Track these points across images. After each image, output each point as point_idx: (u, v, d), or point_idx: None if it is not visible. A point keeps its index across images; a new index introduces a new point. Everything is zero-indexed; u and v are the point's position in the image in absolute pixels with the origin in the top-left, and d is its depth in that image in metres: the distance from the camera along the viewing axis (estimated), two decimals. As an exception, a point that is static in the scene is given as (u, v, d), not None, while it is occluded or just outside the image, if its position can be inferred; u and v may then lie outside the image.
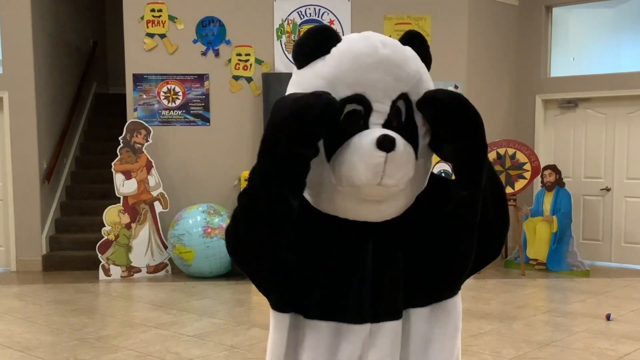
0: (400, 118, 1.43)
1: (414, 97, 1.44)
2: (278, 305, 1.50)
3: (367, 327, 1.47)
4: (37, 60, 7.29)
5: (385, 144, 1.32)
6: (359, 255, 1.47)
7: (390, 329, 1.48)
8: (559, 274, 7.03)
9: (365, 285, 1.47)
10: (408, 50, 1.47)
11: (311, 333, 1.48)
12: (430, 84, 1.49)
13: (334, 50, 1.43)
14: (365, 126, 1.40)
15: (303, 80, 1.45)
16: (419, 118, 1.44)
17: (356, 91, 1.39)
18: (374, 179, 1.34)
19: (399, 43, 1.47)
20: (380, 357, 1.47)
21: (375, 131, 1.37)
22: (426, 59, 1.50)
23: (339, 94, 1.39)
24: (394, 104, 1.42)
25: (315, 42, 1.45)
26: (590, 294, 6.12)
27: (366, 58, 1.40)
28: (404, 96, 1.43)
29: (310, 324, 1.48)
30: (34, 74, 7.22)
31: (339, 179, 1.38)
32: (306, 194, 1.46)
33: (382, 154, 1.32)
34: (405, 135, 1.40)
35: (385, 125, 1.40)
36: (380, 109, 1.40)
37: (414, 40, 1.50)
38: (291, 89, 1.49)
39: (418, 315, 1.53)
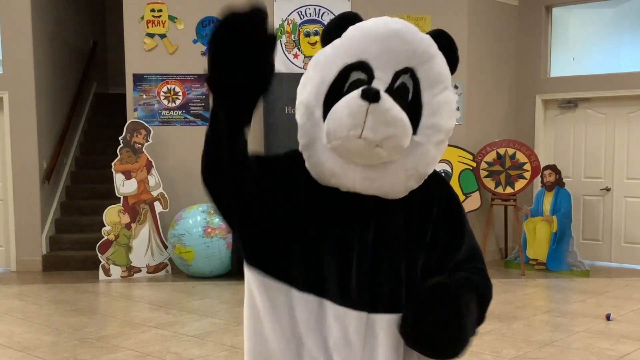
0: (407, 94, 1.45)
1: (422, 76, 1.45)
2: (250, 255, 1.52)
3: (363, 315, 1.46)
4: (37, 60, 7.29)
5: (367, 93, 1.35)
6: (359, 234, 1.47)
7: (389, 321, 1.47)
8: (559, 274, 7.04)
9: (365, 268, 1.47)
10: (423, 35, 1.50)
11: (304, 307, 1.47)
12: (443, 71, 1.49)
13: (350, 27, 1.52)
14: None
15: (319, 55, 1.53)
16: (426, 97, 1.46)
17: (360, 58, 1.45)
18: (354, 130, 1.35)
19: (414, 26, 1.50)
20: (381, 348, 1.47)
21: (366, 87, 1.39)
22: (452, 58, 1.53)
23: (344, 60, 1.46)
24: (397, 76, 1.43)
25: (338, 24, 1.55)
26: (590, 294, 6.12)
27: (375, 29, 1.48)
28: (409, 71, 1.45)
29: (303, 297, 1.47)
30: (34, 74, 7.22)
31: (327, 132, 1.40)
32: (305, 159, 1.49)
33: (364, 102, 1.34)
34: (408, 111, 1.41)
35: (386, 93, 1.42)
36: (382, 77, 1.43)
37: (441, 38, 1.53)
38: (309, 65, 1.55)
39: None
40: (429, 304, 1.43)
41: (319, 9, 7.34)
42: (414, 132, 1.43)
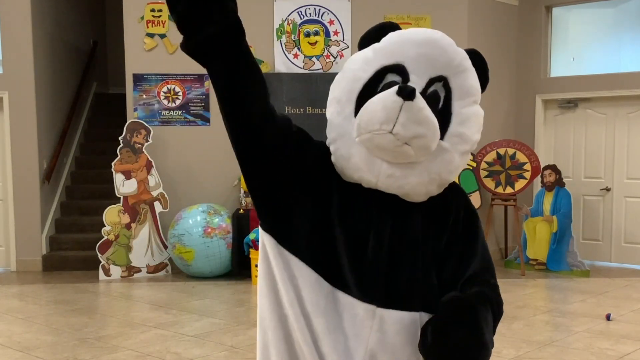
0: (438, 102, 1.47)
1: (455, 86, 1.48)
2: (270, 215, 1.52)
3: (371, 307, 1.47)
4: (37, 60, 7.29)
5: (403, 90, 1.37)
6: (376, 230, 1.48)
7: (400, 318, 1.48)
8: (559, 274, 7.03)
9: (379, 264, 1.48)
10: (459, 48, 1.53)
11: (316, 288, 1.48)
12: (475, 84, 1.52)
13: (390, 33, 1.55)
14: None
15: (356, 55, 1.56)
16: (456, 106, 1.48)
17: (397, 61, 1.47)
18: (386, 124, 1.37)
19: (452, 40, 1.53)
20: (390, 345, 1.47)
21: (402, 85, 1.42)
22: (483, 78, 1.57)
23: (381, 62, 1.48)
24: (430, 82, 1.46)
25: (379, 30, 1.58)
26: (590, 294, 6.12)
27: (414, 35, 1.51)
28: (443, 80, 1.47)
29: (316, 278, 1.48)
30: (34, 74, 7.23)
31: (358, 125, 1.43)
32: (332, 153, 1.50)
33: (399, 99, 1.37)
34: (438, 118, 1.43)
35: None
36: (416, 81, 1.45)
37: (474, 56, 1.56)
38: (345, 65, 1.56)
39: (424, 319, 1.51)
40: (448, 319, 1.42)
41: (319, 9, 7.34)
42: (442, 137, 1.45)
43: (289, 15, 7.33)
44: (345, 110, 1.48)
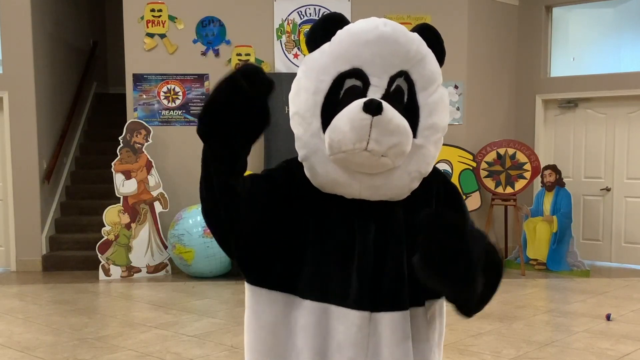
0: (403, 97, 1.44)
1: (416, 77, 1.45)
2: (262, 279, 1.52)
3: (366, 314, 1.46)
4: (37, 60, 7.29)
5: (370, 106, 1.34)
6: (360, 236, 1.47)
7: (392, 319, 1.47)
8: (559, 274, 7.03)
9: (366, 269, 1.46)
10: (412, 34, 1.48)
11: (305, 314, 1.47)
12: (435, 68, 1.49)
13: (338, 31, 1.49)
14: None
15: (309, 61, 1.51)
16: (421, 97, 1.46)
17: (354, 65, 1.43)
18: (359, 143, 1.35)
19: (402, 26, 1.49)
20: (385, 347, 1.47)
21: (366, 98, 1.38)
22: (438, 52, 1.52)
23: (337, 68, 1.43)
24: (392, 80, 1.43)
25: (324, 27, 1.51)
26: (590, 294, 6.12)
27: (365, 34, 1.45)
28: (404, 74, 1.44)
29: (305, 304, 1.48)
30: (34, 74, 7.22)
31: (330, 146, 1.40)
32: (305, 170, 1.48)
33: (368, 116, 1.34)
34: (405, 113, 1.40)
35: (383, 99, 1.40)
36: (378, 83, 1.42)
37: (425, 32, 1.52)
38: (300, 72, 1.53)
39: (417, 313, 1.52)
40: (432, 227, 1.38)
41: (319, 9, 7.34)
42: (414, 135, 1.43)
43: (289, 15, 7.33)
44: (313, 127, 1.45)
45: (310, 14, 7.35)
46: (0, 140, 7.32)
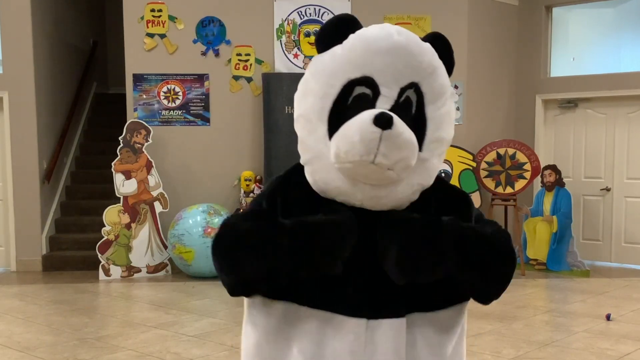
0: (411, 109, 1.43)
1: (426, 89, 1.44)
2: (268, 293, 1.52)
3: (363, 322, 1.46)
4: (37, 60, 7.29)
5: (381, 120, 1.33)
6: (359, 240, 1.46)
7: (389, 326, 1.46)
8: (559, 274, 7.04)
9: (363, 276, 1.46)
10: (425, 44, 1.47)
11: (302, 321, 1.47)
12: (445, 81, 1.49)
13: (351, 35, 1.46)
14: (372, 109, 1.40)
15: (318, 63, 1.49)
16: (430, 110, 1.45)
17: (365, 73, 1.41)
18: (367, 156, 1.34)
19: (415, 36, 1.47)
20: (381, 355, 1.47)
21: (377, 110, 1.37)
22: (448, 62, 1.51)
23: (347, 75, 1.42)
24: (402, 91, 1.42)
25: (336, 29, 1.49)
26: (590, 294, 6.12)
27: (379, 42, 1.42)
28: (414, 86, 1.43)
29: (302, 311, 1.47)
30: (34, 74, 7.22)
31: (337, 154, 1.39)
32: (306, 172, 1.48)
33: (377, 129, 1.33)
34: (412, 125, 1.40)
35: (392, 110, 1.39)
36: (388, 93, 1.41)
37: (436, 41, 1.51)
38: (307, 73, 1.51)
39: (424, 320, 1.51)
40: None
41: (319, 9, 7.34)
42: (420, 148, 1.42)
43: (289, 15, 7.33)
44: (318, 131, 1.44)
45: (310, 14, 7.35)
46: (0, 140, 7.32)
